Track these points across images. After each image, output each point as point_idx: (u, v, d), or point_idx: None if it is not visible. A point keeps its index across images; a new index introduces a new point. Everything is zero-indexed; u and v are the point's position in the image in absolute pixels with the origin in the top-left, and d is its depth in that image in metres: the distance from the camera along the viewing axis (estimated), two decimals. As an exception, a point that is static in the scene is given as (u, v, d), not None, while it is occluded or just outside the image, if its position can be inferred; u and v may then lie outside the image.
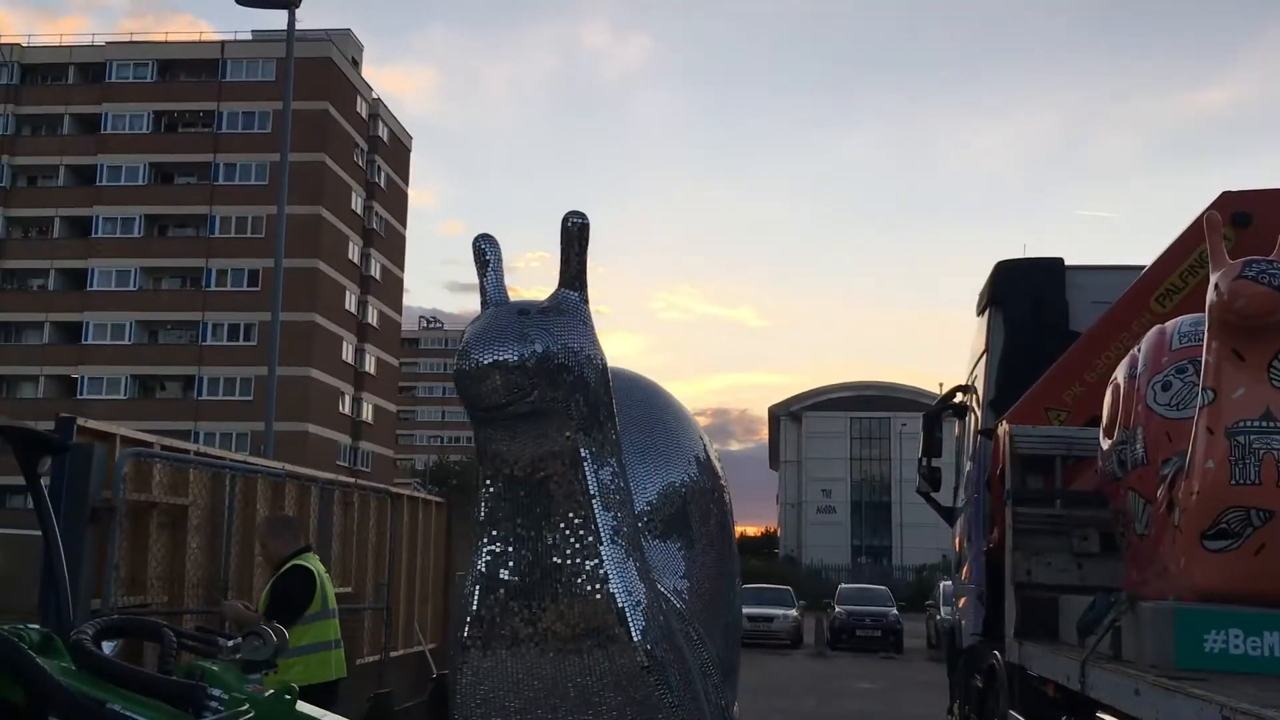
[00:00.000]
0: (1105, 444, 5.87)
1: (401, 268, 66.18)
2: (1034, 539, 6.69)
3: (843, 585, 32.71)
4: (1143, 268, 8.05)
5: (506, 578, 3.01)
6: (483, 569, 3.05)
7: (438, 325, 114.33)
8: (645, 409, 3.61)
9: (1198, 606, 4.51)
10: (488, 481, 3.08)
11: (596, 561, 2.97)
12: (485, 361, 2.92)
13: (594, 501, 3.01)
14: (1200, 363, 4.89)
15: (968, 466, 9.12)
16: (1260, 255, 4.86)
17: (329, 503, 11.06)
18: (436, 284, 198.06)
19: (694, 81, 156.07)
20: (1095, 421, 6.38)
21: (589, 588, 2.96)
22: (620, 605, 2.94)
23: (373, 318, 60.90)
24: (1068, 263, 8.93)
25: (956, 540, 9.73)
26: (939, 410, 10.25)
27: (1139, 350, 5.72)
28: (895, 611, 29.37)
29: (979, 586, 8.05)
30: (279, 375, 19.21)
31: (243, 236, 53.91)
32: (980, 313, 9.33)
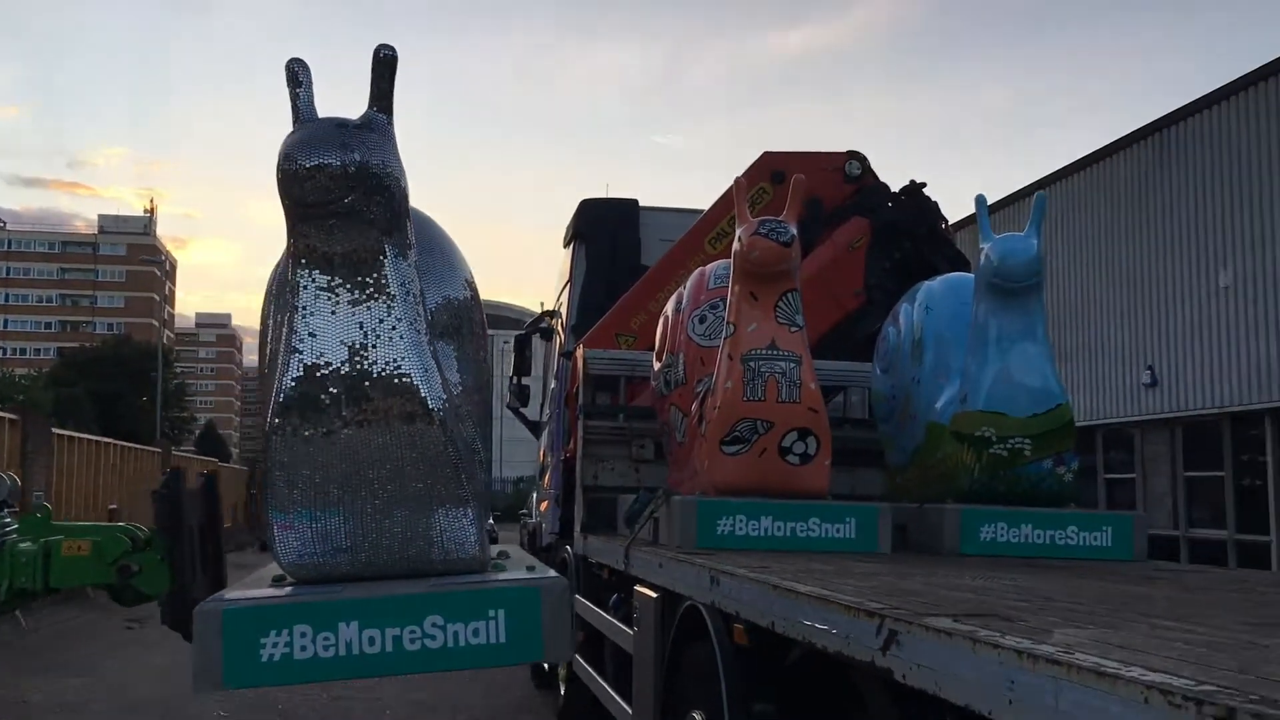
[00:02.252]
0: (656, 366, 6.92)
1: (-47, 158, 58.62)
2: (601, 448, 7.70)
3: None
4: (703, 212, 9.25)
5: (315, 358, 3.45)
6: (295, 346, 3.46)
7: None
8: (424, 230, 4.02)
9: (714, 499, 5.60)
10: (302, 273, 3.50)
11: (398, 341, 3.48)
12: (309, 164, 3.36)
13: (396, 292, 3.51)
14: (728, 301, 5.97)
15: (552, 384, 10.07)
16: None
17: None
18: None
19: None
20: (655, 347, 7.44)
21: (391, 365, 3.47)
22: (418, 379, 3.48)
23: (-83, 213, 53.68)
24: (642, 203, 10.02)
25: (541, 452, 10.73)
26: (529, 332, 11.16)
27: (684, 288, 6.78)
28: (492, 520, 30.69)
29: (557, 491, 9.03)
30: None
31: None
32: (566, 245, 10.25)
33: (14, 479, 4.24)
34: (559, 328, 10.25)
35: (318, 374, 3.47)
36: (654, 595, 5.14)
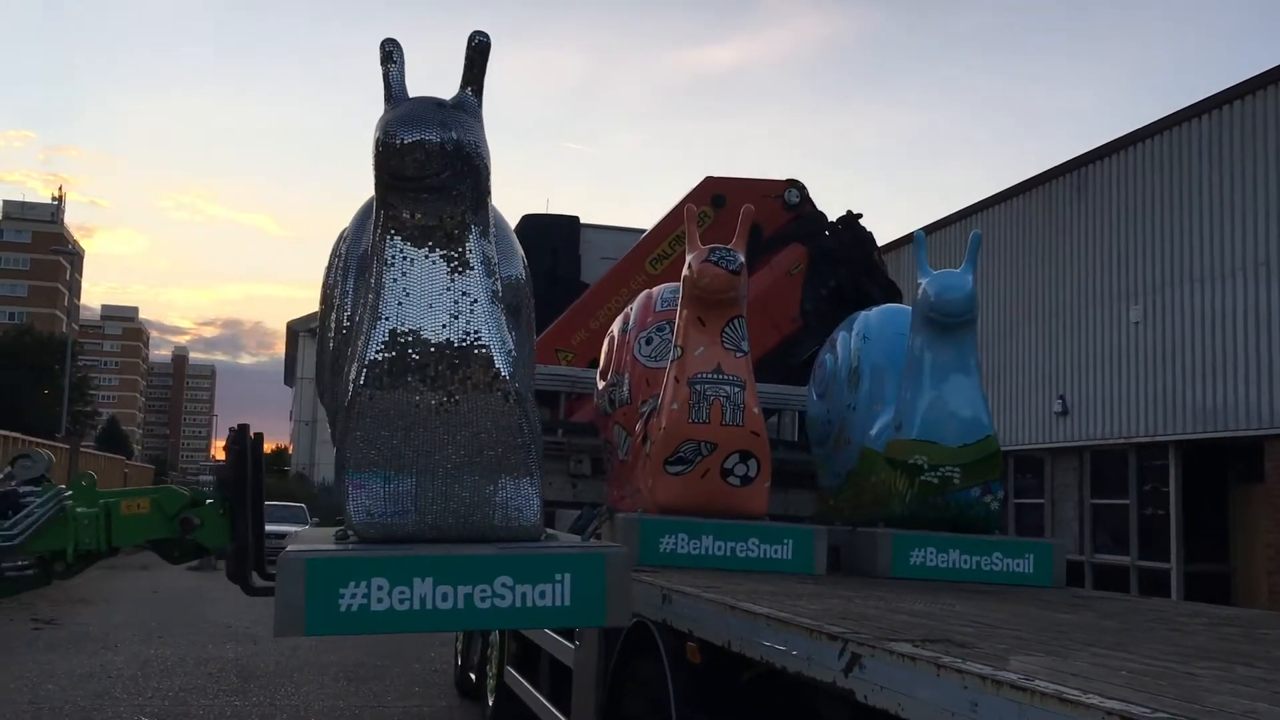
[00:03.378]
0: (600, 384, 7.04)
1: None
2: (539, 462, 7.77)
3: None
4: (643, 231, 9.39)
5: (400, 325, 3.60)
6: (382, 313, 3.61)
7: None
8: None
9: (657, 517, 5.73)
10: (391, 243, 3.65)
11: (479, 313, 3.65)
12: (409, 140, 3.54)
13: (478, 267, 3.69)
14: (675, 324, 6.11)
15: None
16: (731, 235, 6.14)
17: None
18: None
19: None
20: (596, 363, 7.55)
21: (472, 336, 3.64)
22: (496, 350, 3.65)
23: None
24: (583, 221, 10.15)
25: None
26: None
27: (631, 309, 6.91)
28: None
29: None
30: None
31: None
32: (506, 258, 10.31)
33: (49, 456, 4.44)
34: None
35: (402, 340, 3.60)
36: (599, 611, 5.24)
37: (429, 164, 3.56)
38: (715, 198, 8.71)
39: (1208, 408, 15.58)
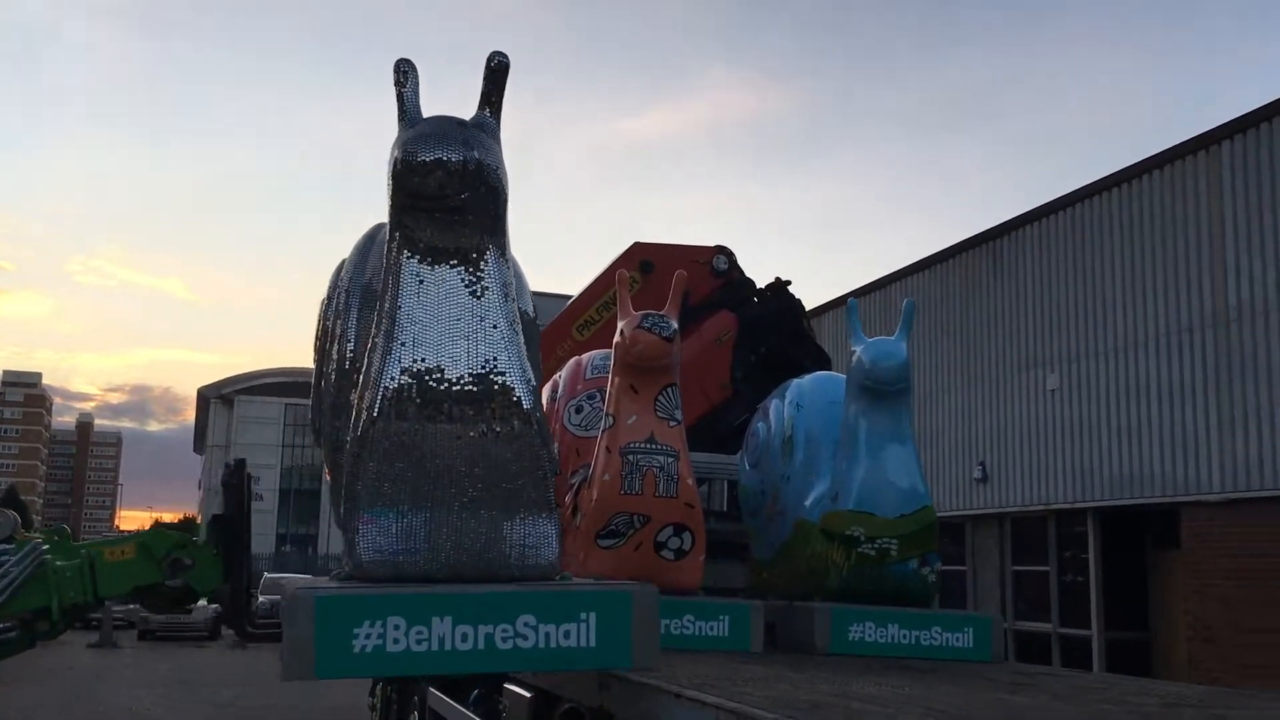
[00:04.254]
0: (527, 454, 6.80)
1: None
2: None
3: (266, 574, 32.26)
4: (568, 297, 9.24)
5: (415, 352, 3.42)
6: (398, 338, 3.42)
7: None
8: None
9: (589, 593, 5.48)
10: (405, 265, 3.48)
11: (497, 339, 3.49)
12: (429, 158, 3.38)
13: (496, 291, 3.52)
14: (605, 392, 5.92)
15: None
16: (659, 301, 6.00)
17: None
18: None
19: (138, 25, 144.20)
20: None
21: (491, 363, 3.46)
22: (515, 378, 3.48)
23: None
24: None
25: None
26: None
27: (560, 376, 6.72)
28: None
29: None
30: None
31: None
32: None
33: (15, 517, 4.20)
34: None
35: (418, 366, 3.43)
36: (527, 695, 4.97)
37: (449, 184, 3.42)
38: (643, 263, 8.62)
39: (1125, 475, 15.78)
